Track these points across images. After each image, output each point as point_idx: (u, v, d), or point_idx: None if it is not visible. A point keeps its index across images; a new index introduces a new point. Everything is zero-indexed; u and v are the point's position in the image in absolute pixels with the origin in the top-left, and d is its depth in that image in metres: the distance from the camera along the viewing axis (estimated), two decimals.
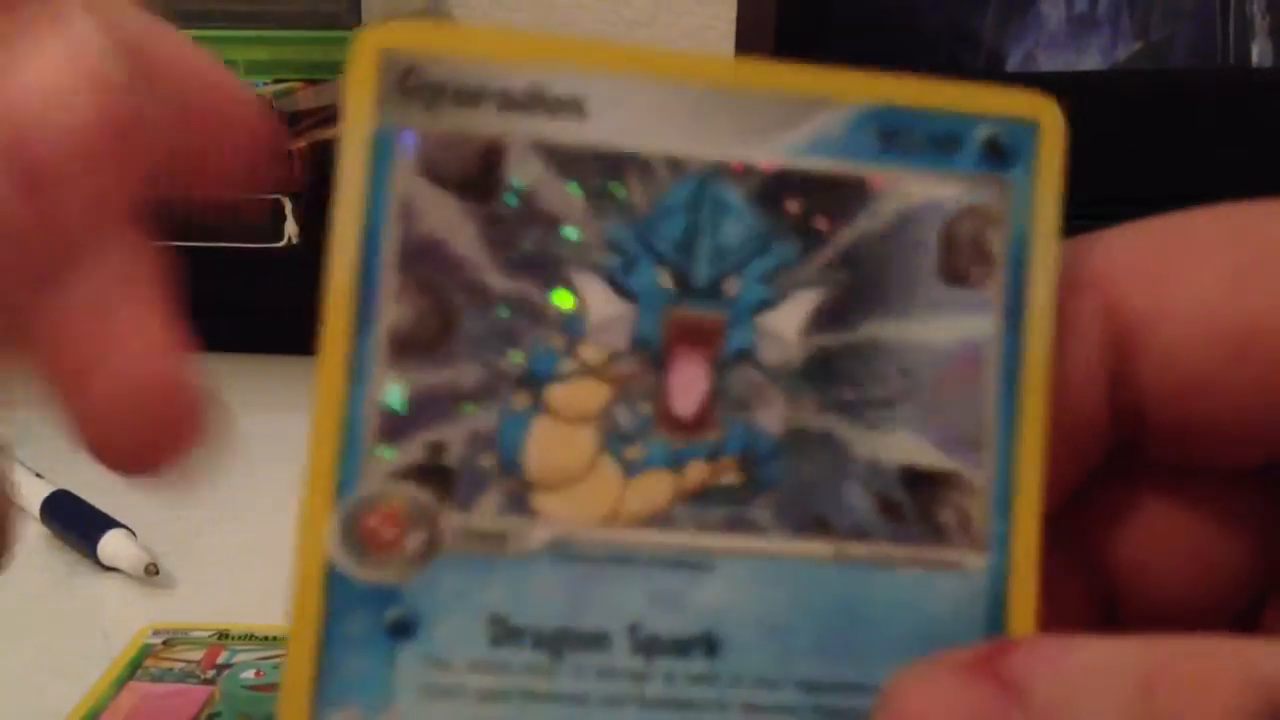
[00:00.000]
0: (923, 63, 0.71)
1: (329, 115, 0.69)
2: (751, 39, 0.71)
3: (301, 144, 0.63)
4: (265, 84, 0.66)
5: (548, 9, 0.83)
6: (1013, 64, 0.70)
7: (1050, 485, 0.20)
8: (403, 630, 0.18)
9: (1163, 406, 0.19)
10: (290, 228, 0.60)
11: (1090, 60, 0.68)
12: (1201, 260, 0.19)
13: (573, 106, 0.19)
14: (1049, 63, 0.69)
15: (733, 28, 0.72)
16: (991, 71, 0.70)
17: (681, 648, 0.19)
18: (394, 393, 0.18)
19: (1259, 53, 0.66)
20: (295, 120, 0.65)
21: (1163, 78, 0.66)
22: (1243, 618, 0.21)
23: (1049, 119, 0.19)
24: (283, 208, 0.60)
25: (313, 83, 0.68)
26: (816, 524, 0.19)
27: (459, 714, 0.18)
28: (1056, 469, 0.19)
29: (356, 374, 0.18)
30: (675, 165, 0.19)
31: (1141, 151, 0.61)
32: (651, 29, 0.81)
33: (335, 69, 0.68)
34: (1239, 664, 0.16)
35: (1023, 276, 0.19)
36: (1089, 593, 0.21)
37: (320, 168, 0.62)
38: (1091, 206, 0.54)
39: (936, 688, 0.17)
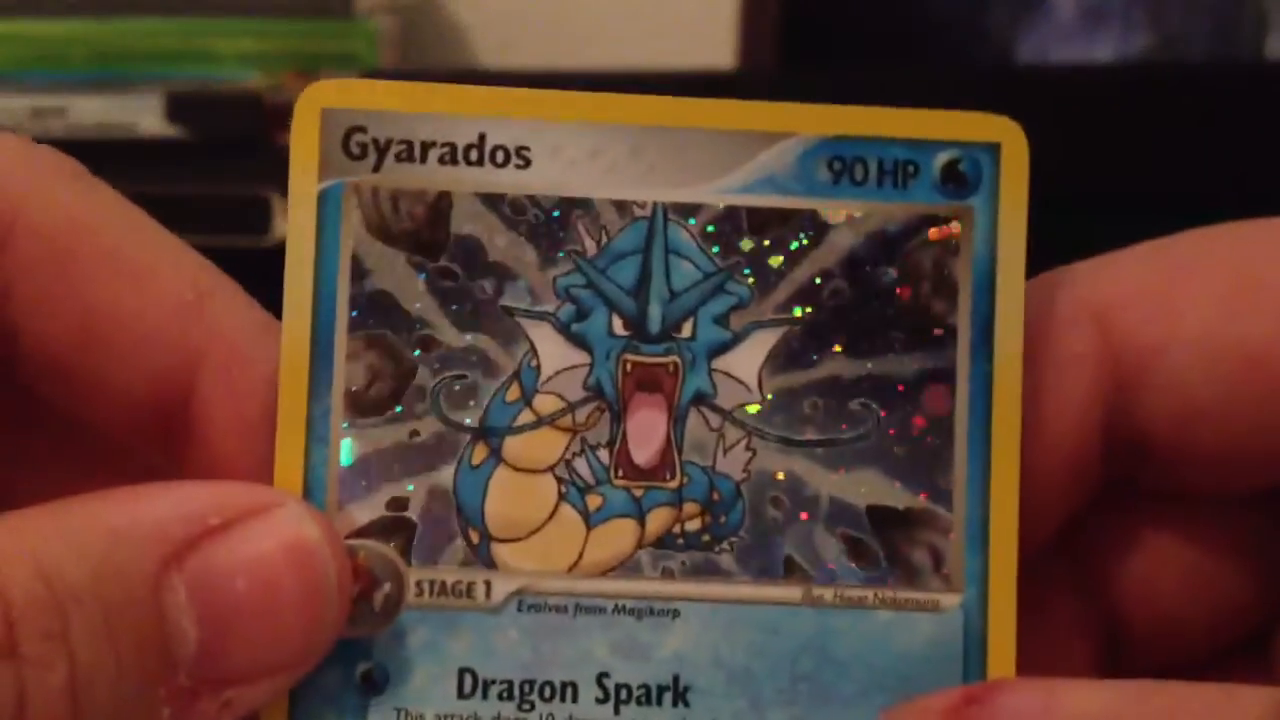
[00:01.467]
0: (930, 53, 0.71)
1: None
2: (755, 29, 0.70)
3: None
4: (253, 76, 0.64)
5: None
6: (1023, 56, 0.69)
7: (1044, 518, 0.19)
8: (373, 683, 0.18)
9: (1166, 435, 0.19)
10: (279, 225, 0.59)
11: (1102, 52, 0.67)
12: (1199, 287, 0.19)
13: (517, 156, 0.19)
14: (1060, 55, 0.68)
15: (735, 19, 0.72)
16: (1000, 64, 0.69)
17: (650, 696, 0.19)
18: (353, 451, 0.19)
19: (1275, 45, 0.66)
20: (284, 114, 0.64)
21: (1176, 70, 0.66)
22: (1250, 644, 0.21)
23: (1010, 140, 0.19)
24: (270, 204, 0.59)
25: (302, 74, 0.67)
26: (784, 568, 0.19)
27: None
28: (1050, 502, 0.19)
29: (315, 434, 0.19)
30: (623, 208, 0.19)
31: (1154, 145, 0.61)
32: (654, 19, 0.80)
33: (325, 60, 0.67)
34: (1229, 714, 0.16)
35: (990, 303, 0.19)
36: (1092, 624, 0.21)
37: None
38: (1102, 202, 0.54)
39: None
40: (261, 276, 0.20)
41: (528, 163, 0.19)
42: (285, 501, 0.18)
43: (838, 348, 0.19)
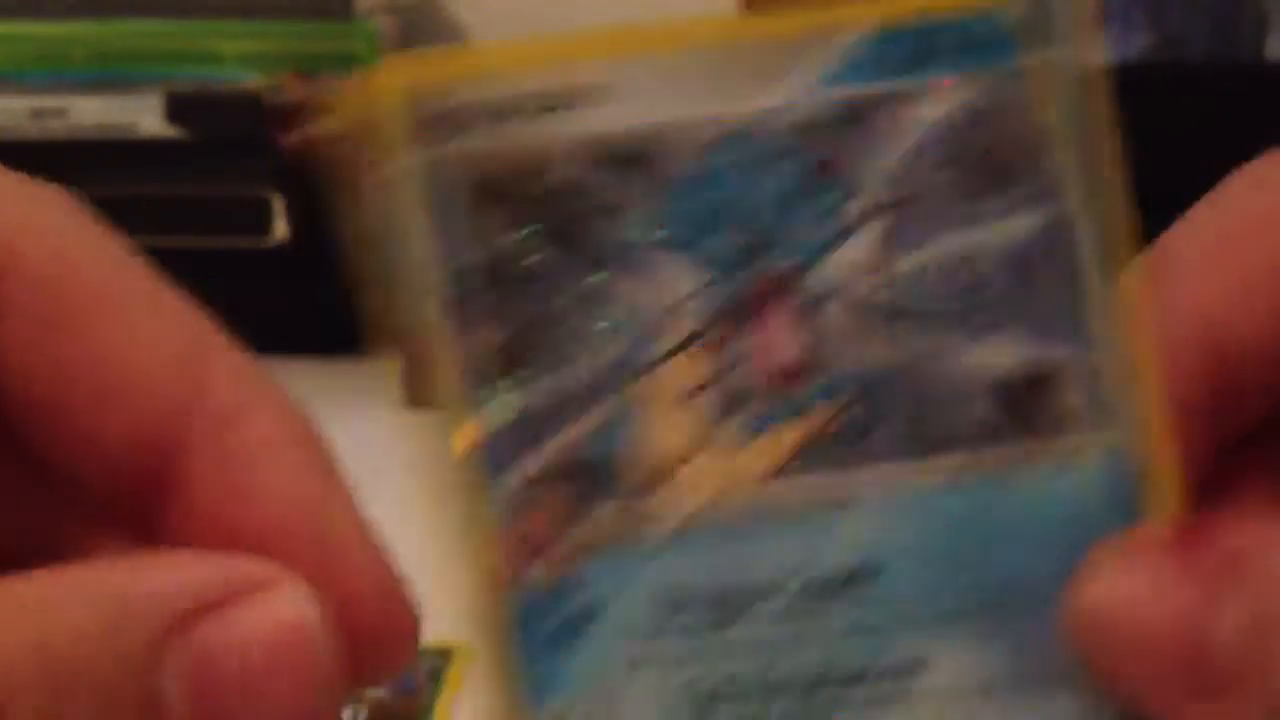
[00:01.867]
0: None
1: (320, 109, 0.67)
2: None
3: (291, 139, 0.62)
4: (254, 77, 0.64)
5: None
6: None
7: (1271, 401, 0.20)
8: (586, 617, 0.19)
9: None
10: (279, 226, 0.59)
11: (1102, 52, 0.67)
12: None
13: (603, 95, 0.19)
14: None
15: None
16: None
17: (844, 582, 0.19)
18: (506, 413, 0.19)
19: (1275, 45, 0.66)
20: (285, 115, 0.64)
21: (1176, 70, 0.65)
22: None
23: None
24: (270, 205, 0.59)
25: (303, 75, 0.66)
26: (943, 441, 0.19)
27: (661, 680, 0.19)
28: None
29: (476, 402, 0.19)
30: (714, 127, 0.19)
31: (1154, 145, 0.60)
32: (658, 7, 0.80)
33: (326, 61, 0.67)
34: None
35: (1088, 145, 0.19)
36: None
37: (310, 164, 0.61)
38: None
39: (1143, 571, 0.17)
40: (261, 277, 0.20)
41: (616, 100, 0.19)
42: (285, 580, 0.17)
43: (944, 224, 0.19)
